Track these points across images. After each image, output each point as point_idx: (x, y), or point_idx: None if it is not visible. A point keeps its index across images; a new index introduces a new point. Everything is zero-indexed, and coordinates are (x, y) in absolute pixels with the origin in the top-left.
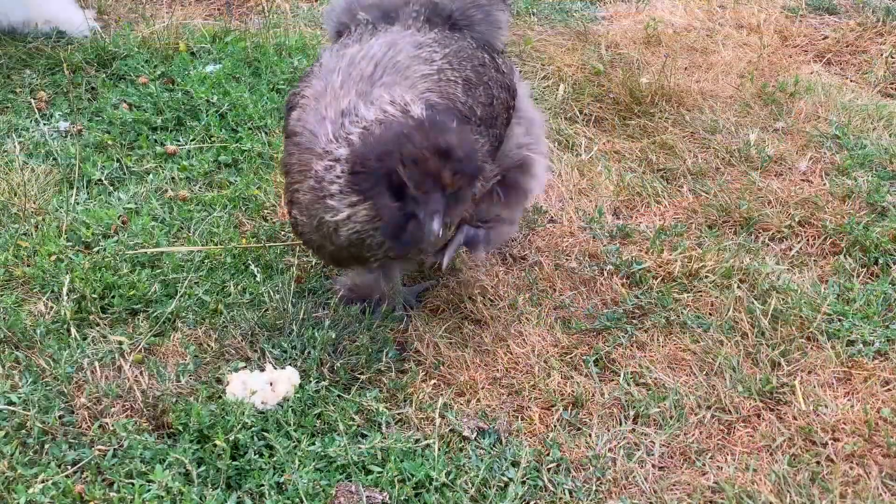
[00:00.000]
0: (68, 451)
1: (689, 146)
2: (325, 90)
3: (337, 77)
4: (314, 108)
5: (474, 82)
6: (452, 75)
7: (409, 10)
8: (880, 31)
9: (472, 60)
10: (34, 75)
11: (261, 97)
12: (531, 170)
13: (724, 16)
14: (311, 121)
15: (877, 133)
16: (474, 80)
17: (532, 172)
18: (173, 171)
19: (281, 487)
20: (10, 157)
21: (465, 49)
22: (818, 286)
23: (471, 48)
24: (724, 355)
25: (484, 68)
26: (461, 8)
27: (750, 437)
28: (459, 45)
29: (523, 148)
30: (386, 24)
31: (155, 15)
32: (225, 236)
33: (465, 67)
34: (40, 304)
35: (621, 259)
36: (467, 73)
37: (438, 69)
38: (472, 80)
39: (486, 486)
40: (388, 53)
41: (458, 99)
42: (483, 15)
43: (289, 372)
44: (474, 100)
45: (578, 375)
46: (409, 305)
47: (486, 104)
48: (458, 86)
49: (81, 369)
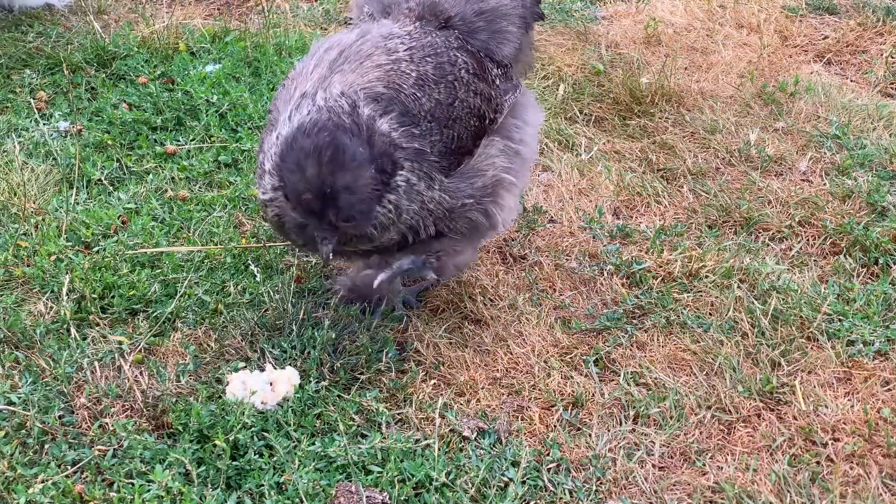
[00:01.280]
0: (68, 451)
1: (689, 146)
2: (301, 72)
3: (311, 61)
4: (287, 87)
5: (432, 78)
6: (407, 68)
7: (405, 5)
8: (880, 31)
9: (438, 57)
10: (34, 75)
11: (261, 97)
12: (499, 199)
13: (724, 16)
14: (281, 99)
15: (877, 133)
16: (432, 76)
17: (500, 202)
18: (173, 171)
19: (281, 487)
20: (10, 157)
21: (436, 46)
22: (818, 286)
23: (444, 46)
24: (724, 355)
25: (453, 67)
26: (462, 14)
27: (750, 437)
28: (431, 40)
29: (499, 170)
30: (383, 17)
31: (155, 15)
32: (225, 236)
33: (426, 63)
34: (40, 304)
35: (621, 259)
36: (426, 68)
37: (395, 60)
38: (428, 75)
39: (486, 486)
40: (356, 42)
41: (403, 90)
42: (485, 23)
43: (289, 372)
44: (426, 94)
45: (578, 375)
46: (409, 305)
47: (445, 102)
48: (410, 78)
49: (81, 369)
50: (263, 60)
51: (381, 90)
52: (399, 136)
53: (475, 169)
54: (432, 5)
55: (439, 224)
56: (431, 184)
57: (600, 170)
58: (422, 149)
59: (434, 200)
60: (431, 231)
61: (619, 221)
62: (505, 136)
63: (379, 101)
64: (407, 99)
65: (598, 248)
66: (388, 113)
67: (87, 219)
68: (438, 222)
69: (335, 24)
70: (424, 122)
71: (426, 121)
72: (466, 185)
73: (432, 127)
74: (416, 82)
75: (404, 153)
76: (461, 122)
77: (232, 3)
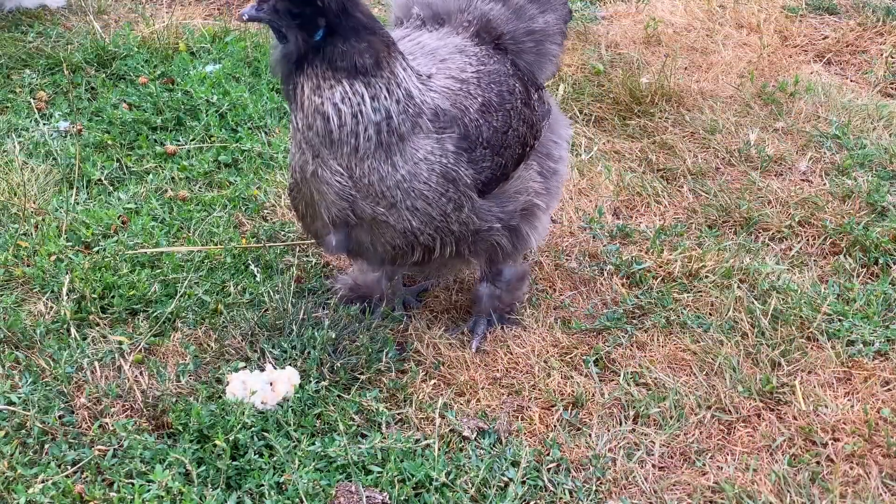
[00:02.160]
0: (68, 451)
1: (689, 146)
2: None
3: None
4: None
5: (494, 105)
6: (475, 91)
7: (462, 17)
8: (880, 31)
9: (500, 85)
10: (34, 75)
11: (261, 97)
12: (532, 220)
13: (724, 16)
14: None
15: (877, 133)
16: (495, 103)
17: (533, 223)
18: (173, 171)
19: (281, 487)
20: (10, 157)
21: (499, 73)
22: (818, 286)
23: (506, 74)
24: (724, 355)
25: (511, 96)
26: (512, 32)
27: (750, 437)
28: (496, 67)
29: (532, 194)
30: (436, 23)
31: (155, 15)
32: (225, 236)
33: (491, 89)
34: (40, 304)
35: (621, 259)
36: (490, 95)
37: (464, 80)
38: (492, 102)
39: (486, 486)
40: (436, 44)
41: (468, 114)
42: (534, 44)
43: (289, 372)
44: (486, 121)
45: (578, 375)
46: (409, 305)
47: (500, 130)
48: (476, 102)
49: (81, 369)
50: (263, 60)
51: (446, 107)
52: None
53: (509, 193)
54: (486, 22)
55: (461, 245)
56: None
57: (600, 170)
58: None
59: (460, 221)
60: (452, 250)
61: (619, 221)
62: (544, 154)
63: (441, 118)
64: (470, 124)
65: (598, 248)
66: (447, 131)
67: (87, 219)
68: (460, 243)
69: None
70: (480, 149)
71: (482, 147)
72: (497, 209)
73: (486, 154)
74: (479, 109)
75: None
76: (510, 150)
77: (232, 2)
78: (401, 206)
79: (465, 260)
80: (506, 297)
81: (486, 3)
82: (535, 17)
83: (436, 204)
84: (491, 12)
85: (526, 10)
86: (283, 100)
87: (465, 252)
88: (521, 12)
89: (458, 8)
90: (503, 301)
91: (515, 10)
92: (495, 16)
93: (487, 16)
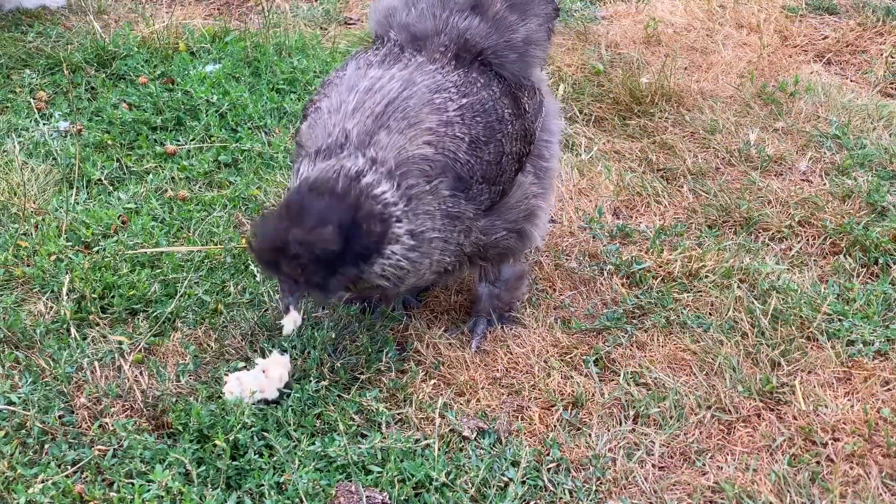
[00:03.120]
0: (68, 451)
1: (689, 146)
2: (339, 108)
3: (352, 98)
4: (324, 122)
5: (483, 140)
6: (460, 131)
7: (438, 41)
8: (880, 31)
9: (488, 115)
10: (34, 75)
11: (261, 97)
12: (535, 220)
13: (724, 16)
14: (319, 136)
15: (877, 133)
16: (483, 138)
17: (535, 222)
18: (173, 171)
19: (281, 487)
20: (10, 157)
21: (484, 101)
22: (818, 286)
23: (492, 99)
24: (724, 355)
25: (500, 124)
26: (493, 47)
27: (750, 437)
28: (480, 96)
29: (531, 198)
30: (413, 49)
31: (155, 15)
32: (225, 236)
33: (477, 123)
34: (40, 304)
35: (621, 259)
36: (478, 130)
37: (447, 121)
38: (480, 138)
39: (486, 486)
40: (402, 93)
41: (458, 158)
42: (517, 55)
43: (276, 356)
44: (477, 159)
45: (578, 375)
46: (409, 305)
47: (493, 162)
48: (464, 143)
49: (81, 369)
50: (263, 60)
51: (432, 156)
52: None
53: (510, 204)
54: (464, 42)
55: (474, 259)
56: (468, 234)
57: (600, 170)
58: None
59: (471, 243)
60: (466, 265)
61: (619, 221)
62: (536, 156)
63: (431, 168)
64: (462, 168)
65: (598, 248)
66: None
67: (87, 219)
68: (473, 257)
69: (335, 24)
70: (476, 186)
71: (478, 184)
72: (501, 221)
73: (483, 188)
74: (468, 148)
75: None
76: (507, 174)
77: (232, 2)
78: (425, 271)
79: (476, 266)
80: (505, 296)
81: (463, 19)
82: (516, 28)
83: (449, 240)
84: (468, 31)
85: (506, 19)
86: (282, 99)
87: (477, 262)
88: (501, 24)
89: (435, 30)
90: (503, 300)
91: (494, 22)
92: (473, 34)
93: (465, 35)
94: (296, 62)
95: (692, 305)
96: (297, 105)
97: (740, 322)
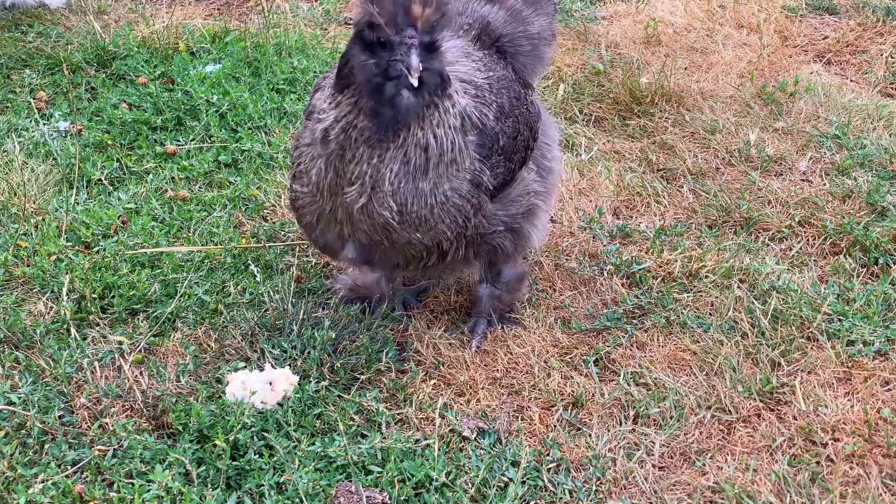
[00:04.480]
0: (68, 451)
1: (689, 146)
2: None
3: None
4: None
5: (506, 111)
6: (489, 98)
7: (461, 20)
8: (880, 31)
9: (510, 91)
10: (34, 75)
11: (261, 97)
12: (534, 219)
13: (724, 16)
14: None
15: (877, 133)
16: (507, 110)
17: (534, 222)
18: (173, 171)
19: (281, 487)
20: (10, 157)
21: (506, 79)
22: (818, 286)
23: (511, 79)
24: (724, 355)
25: (518, 102)
26: (510, 35)
27: (750, 437)
28: (503, 73)
29: (532, 195)
30: None
31: (155, 15)
32: (225, 236)
33: (502, 94)
34: (40, 304)
35: (621, 259)
36: (503, 100)
37: (479, 85)
38: (504, 108)
39: (486, 486)
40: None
41: (488, 122)
42: (531, 47)
43: (287, 372)
44: (501, 128)
45: (578, 375)
46: (409, 305)
47: (511, 136)
48: (492, 109)
49: (81, 369)
50: (263, 60)
51: (472, 111)
52: None
53: (512, 196)
54: (486, 25)
55: (469, 248)
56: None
57: (600, 170)
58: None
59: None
60: (462, 254)
61: (619, 221)
62: (539, 155)
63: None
64: (490, 132)
65: (598, 248)
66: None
67: (87, 219)
68: (469, 246)
69: (335, 24)
70: (495, 156)
71: (496, 154)
72: (503, 212)
73: (500, 160)
74: (496, 116)
75: None
76: (518, 155)
77: (232, 3)
78: (440, 225)
79: (468, 262)
80: (506, 297)
81: (483, 6)
82: (531, 21)
83: (464, 210)
84: (490, 15)
85: (521, 12)
86: (282, 100)
87: (470, 255)
88: (517, 15)
89: (457, 11)
90: (503, 301)
91: (511, 13)
92: (494, 18)
93: (487, 18)
94: (296, 62)
95: (692, 305)
96: (297, 105)
97: (740, 322)
